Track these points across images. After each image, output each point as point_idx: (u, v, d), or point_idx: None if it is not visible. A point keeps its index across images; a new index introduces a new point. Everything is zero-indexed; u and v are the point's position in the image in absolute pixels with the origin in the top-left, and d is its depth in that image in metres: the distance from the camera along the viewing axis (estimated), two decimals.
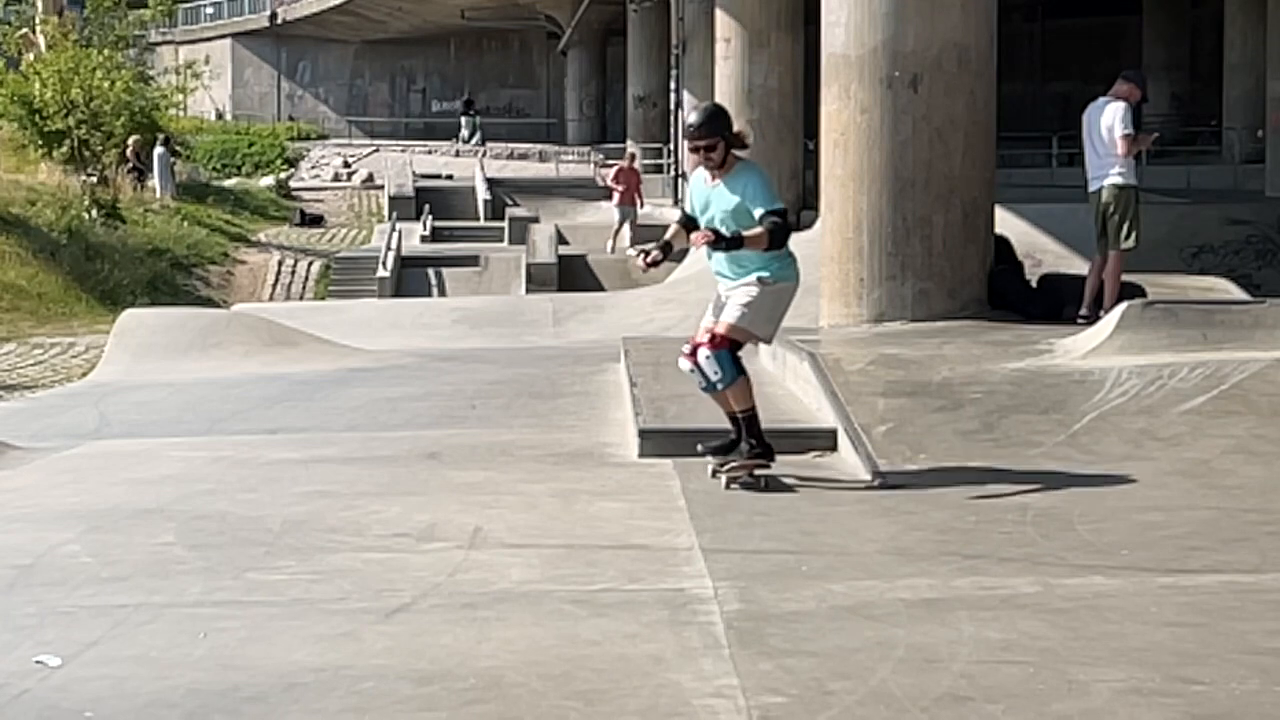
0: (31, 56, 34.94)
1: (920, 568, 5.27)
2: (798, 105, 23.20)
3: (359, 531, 6.05)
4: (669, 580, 5.19)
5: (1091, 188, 10.71)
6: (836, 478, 7.05)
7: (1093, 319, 10.11)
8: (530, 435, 8.84)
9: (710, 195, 6.81)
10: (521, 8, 48.27)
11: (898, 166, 10.66)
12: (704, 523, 6.07)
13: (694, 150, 6.84)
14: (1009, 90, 14.14)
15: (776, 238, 6.63)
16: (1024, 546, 5.59)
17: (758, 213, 6.62)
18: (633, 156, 29.82)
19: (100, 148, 32.82)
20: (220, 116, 50.64)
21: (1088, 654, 4.27)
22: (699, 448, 7.06)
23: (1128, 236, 10.57)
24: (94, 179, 30.85)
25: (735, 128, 6.79)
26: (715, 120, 6.81)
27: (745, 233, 6.61)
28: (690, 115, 7.43)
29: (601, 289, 23.66)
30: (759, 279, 6.73)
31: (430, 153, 44.80)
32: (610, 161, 41.24)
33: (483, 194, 35.82)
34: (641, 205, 28.21)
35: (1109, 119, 10.44)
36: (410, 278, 26.50)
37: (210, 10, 53.79)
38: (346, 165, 44.00)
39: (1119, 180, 10.55)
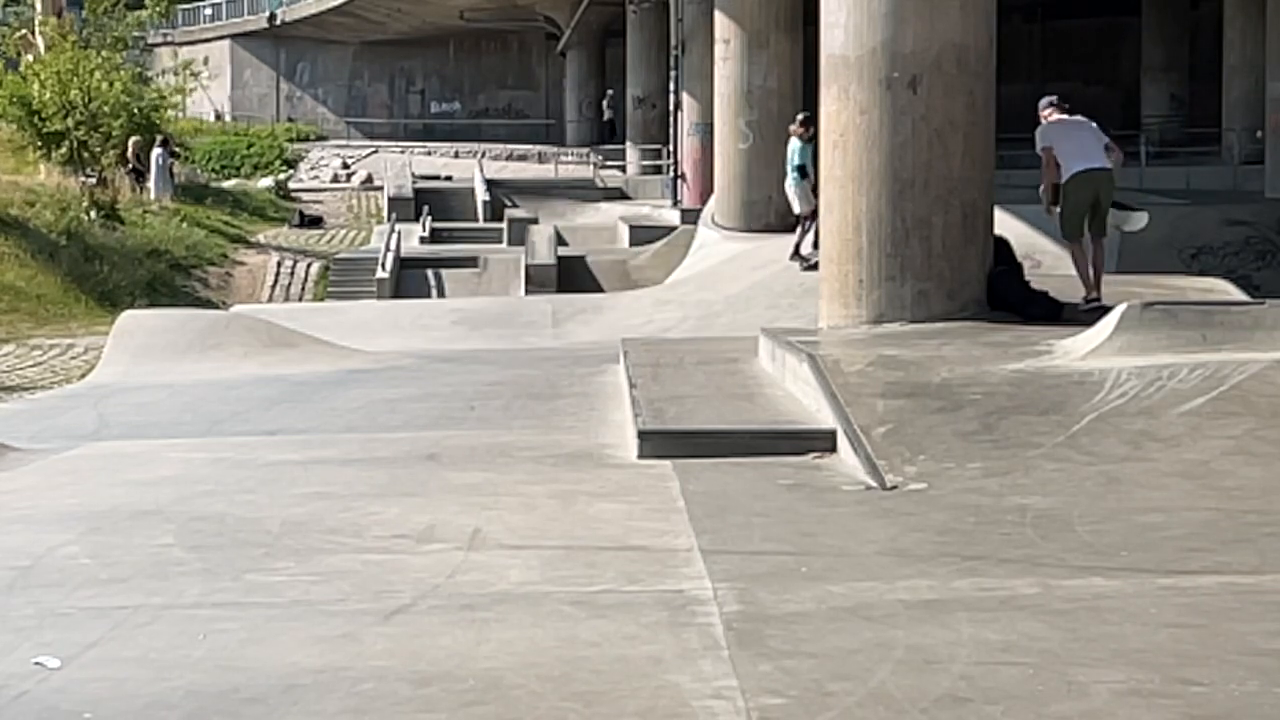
0: (30, 58, 34.90)
1: (920, 569, 5.27)
2: (797, 106, 23.10)
3: (358, 533, 6.05)
4: (668, 581, 5.19)
5: (1091, 165, 11.25)
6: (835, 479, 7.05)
7: (1097, 300, 10.87)
8: (529, 437, 8.84)
9: None
10: (520, 9, 48.25)
11: (897, 167, 10.65)
12: (703, 524, 6.07)
13: None
14: (1009, 91, 14.11)
15: None
16: (1023, 548, 5.58)
17: None
18: None
19: (99, 149, 32.79)
20: (219, 118, 50.65)
21: (1087, 655, 4.27)
22: None
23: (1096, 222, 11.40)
24: (93, 180, 30.82)
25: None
26: None
27: None
28: None
29: (600, 290, 23.63)
30: None
31: (429, 154, 44.80)
32: (609, 163, 41.26)
33: (482, 195, 35.81)
34: None
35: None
36: (409, 279, 26.47)
37: (209, 11, 53.80)
38: (345, 166, 44.00)
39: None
